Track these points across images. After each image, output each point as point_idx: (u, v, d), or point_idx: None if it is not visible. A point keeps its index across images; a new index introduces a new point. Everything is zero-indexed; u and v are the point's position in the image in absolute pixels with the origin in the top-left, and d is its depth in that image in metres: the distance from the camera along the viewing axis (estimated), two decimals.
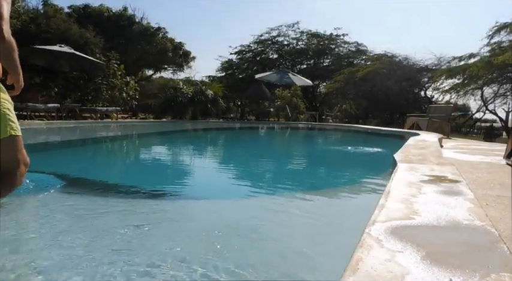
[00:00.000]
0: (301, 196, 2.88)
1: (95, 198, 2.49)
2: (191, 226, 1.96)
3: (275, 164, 4.59)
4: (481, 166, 3.27)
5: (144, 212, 2.20)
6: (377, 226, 1.19)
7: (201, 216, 2.23)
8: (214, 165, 5.15)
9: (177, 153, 6.44)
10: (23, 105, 10.05)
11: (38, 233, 1.76)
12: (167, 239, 1.70)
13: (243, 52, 24.13)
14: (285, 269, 1.43)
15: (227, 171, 4.41)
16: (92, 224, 1.89)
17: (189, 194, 2.90)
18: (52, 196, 2.39)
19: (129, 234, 1.74)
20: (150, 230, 1.81)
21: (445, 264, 0.91)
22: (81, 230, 1.77)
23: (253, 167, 4.63)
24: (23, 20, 12.05)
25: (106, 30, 15.92)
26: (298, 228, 2.00)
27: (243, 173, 4.14)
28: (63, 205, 2.23)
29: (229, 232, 1.83)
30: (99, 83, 13.21)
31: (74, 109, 11.99)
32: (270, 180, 3.50)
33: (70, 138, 7.96)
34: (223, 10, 43.79)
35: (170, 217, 2.17)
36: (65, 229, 1.80)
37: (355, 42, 22.69)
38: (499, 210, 1.63)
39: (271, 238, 1.82)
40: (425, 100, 18.45)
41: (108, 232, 1.77)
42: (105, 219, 2.01)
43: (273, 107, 18.90)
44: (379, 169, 4.21)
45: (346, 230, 1.91)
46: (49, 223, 1.89)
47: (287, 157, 6.18)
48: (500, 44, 14.75)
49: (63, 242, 1.58)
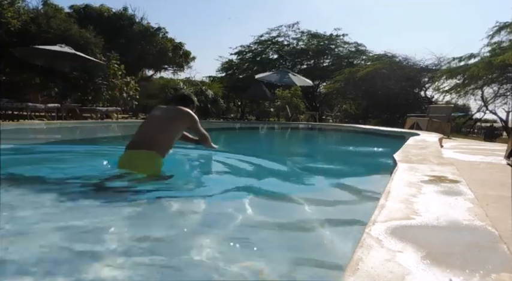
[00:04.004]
0: (299, 195, 2.87)
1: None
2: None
3: (274, 164, 4.59)
4: (481, 166, 3.27)
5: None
6: (377, 226, 1.19)
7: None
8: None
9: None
10: (23, 105, 10.07)
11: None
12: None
13: (243, 52, 24.15)
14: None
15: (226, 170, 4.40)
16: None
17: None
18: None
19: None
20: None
21: (445, 264, 0.91)
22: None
23: (252, 166, 4.62)
24: (23, 20, 12.05)
25: (106, 31, 15.92)
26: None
27: (241, 173, 4.13)
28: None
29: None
30: (100, 83, 13.21)
31: (74, 109, 11.99)
32: (267, 180, 3.49)
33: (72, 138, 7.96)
34: (223, 10, 43.87)
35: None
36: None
37: (355, 43, 22.73)
38: (499, 210, 1.63)
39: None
40: (426, 100, 18.45)
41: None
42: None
43: (273, 107, 18.91)
44: (379, 169, 4.21)
45: (345, 231, 1.90)
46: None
47: (286, 156, 6.17)
48: (501, 44, 14.76)
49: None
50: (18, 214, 2.04)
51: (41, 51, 10.11)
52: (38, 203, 2.25)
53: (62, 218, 1.98)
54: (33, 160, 4.03)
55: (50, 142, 6.87)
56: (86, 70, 12.48)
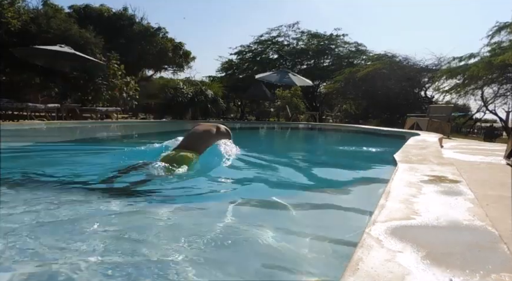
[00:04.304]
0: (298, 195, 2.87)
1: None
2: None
3: (273, 164, 4.58)
4: (481, 166, 3.27)
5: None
6: (377, 226, 1.19)
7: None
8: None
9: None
10: (23, 105, 10.07)
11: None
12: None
13: (243, 52, 24.14)
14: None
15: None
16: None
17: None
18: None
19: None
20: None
21: (445, 264, 0.91)
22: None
23: (250, 167, 4.62)
24: (23, 20, 12.05)
25: (106, 31, 15.92)
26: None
27: (240, 173, 4.13)
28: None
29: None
30: (99, 83, 13.21)
31: (74, 109, 11.99)
32: (265, 180, 3.49)
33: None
34: (224, 10, 43.88)
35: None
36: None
37: (355, 43, 22.70)
38: (499, 210, 1.63)
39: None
40: (426, 100, 18.44)
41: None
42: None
43: (273, 107, 18.91)
44: (379, 169, 4.21)
45: (346, 231, 1.90)
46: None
47: (287, 156, 6.17)
48: (501, 44, 14.76)
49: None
50: (27, 211, 2.06)
51: (41, 51, 10.11)
52: (51, 201, 2.27)
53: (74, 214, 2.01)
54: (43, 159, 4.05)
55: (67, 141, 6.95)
56: (86, 70, 12.48)
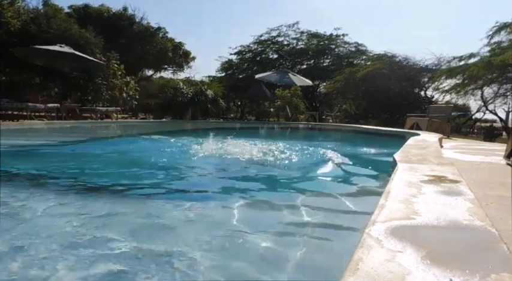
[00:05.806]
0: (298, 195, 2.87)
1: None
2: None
3: (273, 164, 4.58)
4: (481, 166, 3.27)
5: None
6: (377, 226, 1.19)
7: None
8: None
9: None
10: (23, 105, 10.06)
11: None
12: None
13: (243, 52, 24.12)
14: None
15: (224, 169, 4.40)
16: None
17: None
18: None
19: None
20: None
21: (445, 264, 0.91)
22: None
23: (250, 167, 4.62)
24: (23, 20, 12.05)
25: (106, 31, 15.93)
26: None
27: (237, 173, 4.13)
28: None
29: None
30: (99, 83, 13.21)
31: (74, 109, 11.99)
32: (265, 179, 3.50)
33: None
34: (224, 10, 43.86)
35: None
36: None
37: (355, 43, 22.68)
38: (499, 210, 1.63)
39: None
40: (426, 100, 18.42)
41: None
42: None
43: (273, 107, 18.90)
44: (379, 169, 4.21)
45: (346, 231, 1.90)
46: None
47: (287, 156, 6.16)
48: (500, 44, 14.74)
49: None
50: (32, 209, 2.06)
51: (41, 51, 10.11)
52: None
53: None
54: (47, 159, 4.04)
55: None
56: (86, 70, 12.48)
